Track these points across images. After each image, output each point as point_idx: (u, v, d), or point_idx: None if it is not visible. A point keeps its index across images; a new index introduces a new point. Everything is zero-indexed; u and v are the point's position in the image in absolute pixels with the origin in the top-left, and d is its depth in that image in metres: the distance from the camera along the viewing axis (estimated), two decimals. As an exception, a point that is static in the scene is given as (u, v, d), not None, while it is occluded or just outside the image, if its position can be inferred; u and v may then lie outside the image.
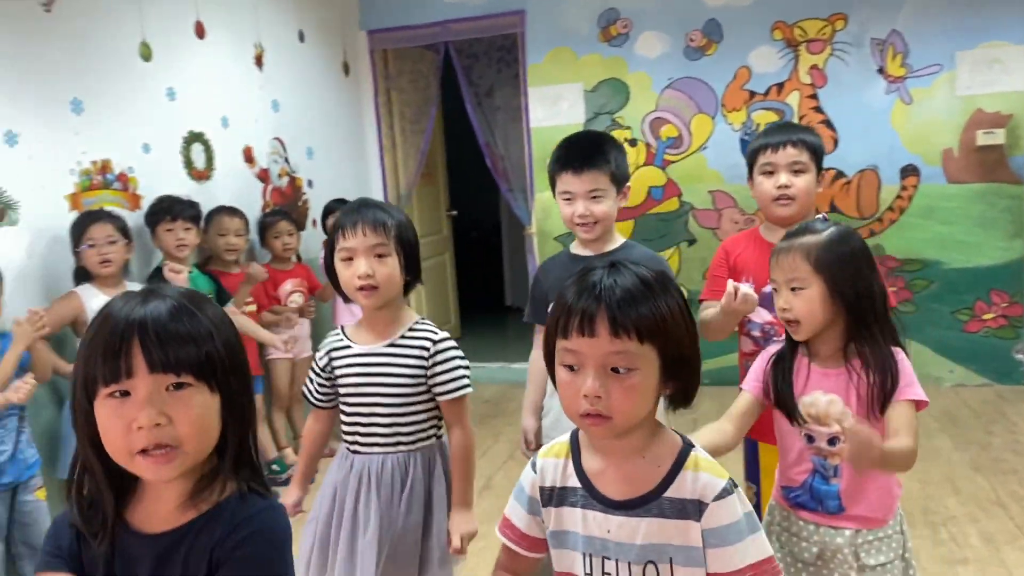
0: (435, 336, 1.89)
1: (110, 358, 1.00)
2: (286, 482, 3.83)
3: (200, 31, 3.90)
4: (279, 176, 4.49)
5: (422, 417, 1.91)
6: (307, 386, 2.02)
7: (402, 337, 1.89)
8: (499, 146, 5.82)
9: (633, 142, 5.12)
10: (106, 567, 1.07)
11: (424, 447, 1.93)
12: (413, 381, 1.87)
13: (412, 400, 1.89)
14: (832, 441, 1.69)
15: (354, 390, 1.91)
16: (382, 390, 1.88)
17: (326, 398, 1.99)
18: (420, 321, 1.93)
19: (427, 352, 1.87)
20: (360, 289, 1.82)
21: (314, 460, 2.10)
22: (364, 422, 1.92)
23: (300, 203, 4.68)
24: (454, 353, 1.90)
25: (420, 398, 1.90)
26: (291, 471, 3.91)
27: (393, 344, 1.89)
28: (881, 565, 1.68)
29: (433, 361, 1.87)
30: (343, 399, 1.95)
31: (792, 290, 1.68)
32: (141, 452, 1.01)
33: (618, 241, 2.22)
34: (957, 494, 3.38)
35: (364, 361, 1.90)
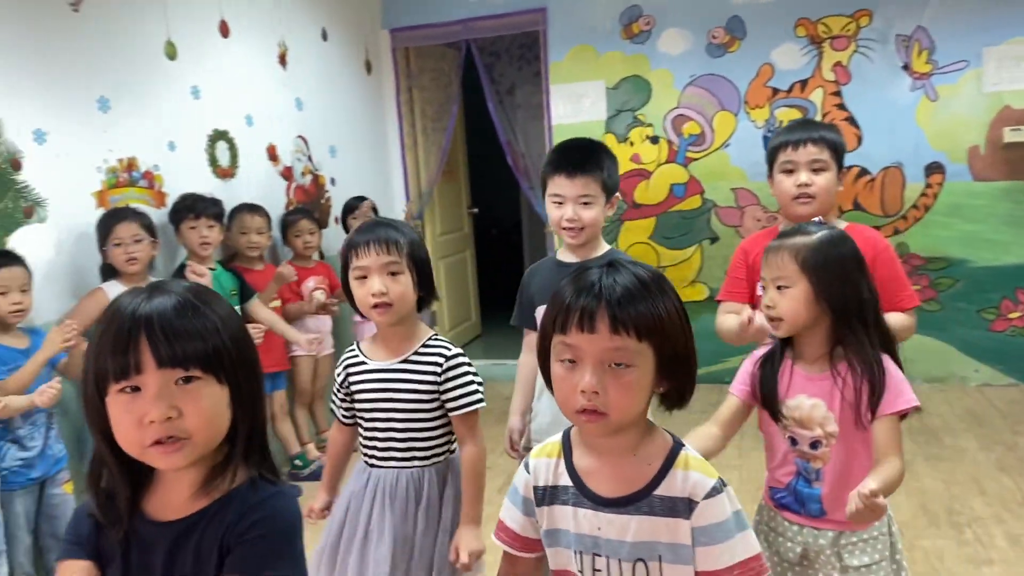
0: (448, 352, 1.91)
1: (119, 354, 1.02)
2: (308, 477, 3.88)
3: (224, 30, 3.94)
4: (302, 174, 4.53)
5: (437, 432, 1.93)
6: (333, 401, 2.04)
7: (416, 353, 1.91)
8: (520, 144, 5.81)
9: (655, 139, 5.11)
10: (123, 554, 1.10)
11: (438, 463, 1.95)
12: (427, 397, 1.89)
13: (427, 416, 1.91)
14: (815, 444, 1.69)
15: (370, 406, 1.94)
16: (397, 406, 1.90)
17: (349, 414, 2.02)
18: (434, 337, 1.95)
19: (440, 367, 1.89)
20: (374, 307, 1.85)
21: (339, 468, 2.12)
22: (381, 436, 1.94)
23: (323, 201, 4.72)
24: (466, 368, 1.91)
25: (435, 413, 1.91)
26: (313, 466, 3.95)
27: (407, 360, 1.91)
28: (865, 566, 1.68)
29: (446, 376, 1.89)
30: (360, 415, 1.97)
31: (778, 288, 1.69)
32: (152, 443, 1.03)
33: (603, 248, 2.23)
34: (983, 494, 3.35)
35: (379, 377, 1.92)
